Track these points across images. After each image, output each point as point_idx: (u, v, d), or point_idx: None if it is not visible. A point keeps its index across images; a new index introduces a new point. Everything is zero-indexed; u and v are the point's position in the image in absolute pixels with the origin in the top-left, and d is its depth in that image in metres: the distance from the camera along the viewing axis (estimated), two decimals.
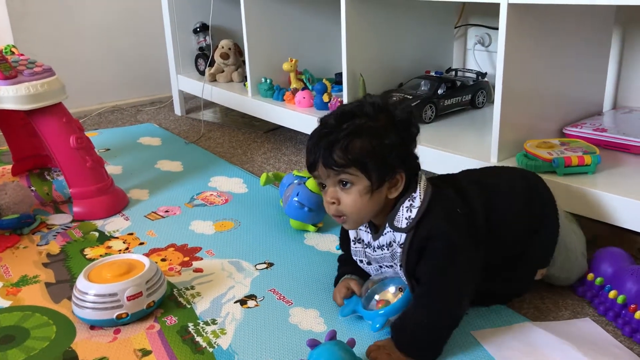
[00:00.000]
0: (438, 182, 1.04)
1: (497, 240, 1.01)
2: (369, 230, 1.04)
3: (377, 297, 1.04)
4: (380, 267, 1.05)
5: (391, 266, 1.02)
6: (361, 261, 1.07)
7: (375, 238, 1.02)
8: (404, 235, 0.96)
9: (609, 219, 1.16)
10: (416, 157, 1.00)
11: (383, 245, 1.00)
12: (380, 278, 1.05)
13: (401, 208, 0.97)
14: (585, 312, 1.07)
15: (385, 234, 0.99)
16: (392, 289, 1.03)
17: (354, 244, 1.07)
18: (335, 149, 0.94)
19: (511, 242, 1.04)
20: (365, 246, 1.05)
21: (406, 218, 0.96)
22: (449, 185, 1.03)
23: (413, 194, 0.97)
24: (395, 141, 0.94)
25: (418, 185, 0.97)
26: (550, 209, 1.07)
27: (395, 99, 1.61)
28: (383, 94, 1.00)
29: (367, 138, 0.93)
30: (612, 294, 1.05)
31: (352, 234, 1.07)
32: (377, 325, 1.00)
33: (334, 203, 0.97)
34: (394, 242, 0.98)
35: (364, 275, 1.09)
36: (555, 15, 1.34)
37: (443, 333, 0.95)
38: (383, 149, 0.94)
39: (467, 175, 1.09)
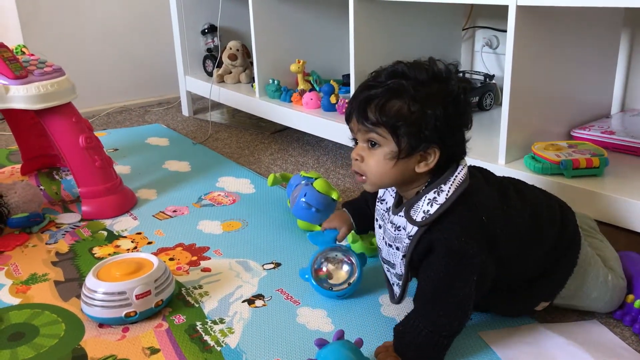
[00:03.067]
0: (482, 178, 0.97)
1: (518, 260, 0.97)
2: (394, 196, 0.99)
3: (325, 267, 1.13)
4: (383, 239, 1.00)
5: (390, 246, 0.98)
6: (376, 220, 1.04)
7: (394, 212, 0.97)
8: (415, 229, 0.91)
9: (617, 221, 1.16)
10: (462, 140, 0.93)
11: (397, 225, 0.95)
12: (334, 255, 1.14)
13: (423, 198, 0.91)
14: (592, 314, 1.07)
15: (401, 216, 0.94)
16: (345, 269, 1.13)
17: (379, 202, 1.03)
18: (372, 105, 0.88)
19: (530, 266, 0.99)
20: (385, 210, 1.01)
21: (424, 212, 0.90)
22: (497, 188, 0.97)
23: (442, 186, 0.90)
24: (438, 114, 0.86)
25: (454, 177, 0.90)
26: (574, 246, 1.01)
27: None
28: (450, 63, 0.92)
29: (407, 101, 0.86)
30: (629, 298, 1.04)
31: (380, 191, 1.02)
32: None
33: (357, 160, 0.93)
34: (404, 229, 0.93)
35: (363, 222, 1.13)
36: (563, 17, 1.34)
37: (443, 342, 0.92)
38: (421, 118, 0.86)
39: (521, 186, 1.03)
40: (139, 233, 1.44)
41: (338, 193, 1.39)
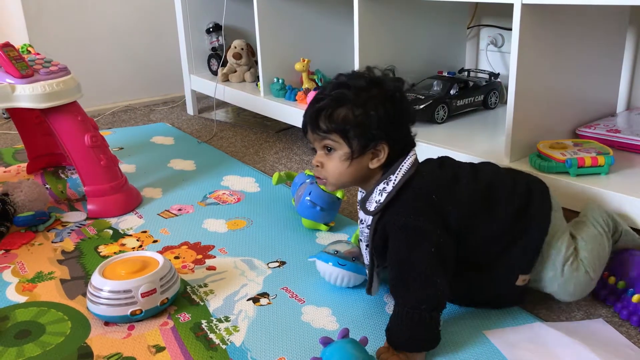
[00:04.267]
0: (436, 163, 1.05)
1: (477, 228, 1.00)
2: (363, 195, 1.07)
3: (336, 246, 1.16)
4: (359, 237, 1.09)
5: (361, 240, 1.07)
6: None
7: (359, 209, 1.05)
8: (370, 218, 1.00)
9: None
10: (407, 133, 1.02)
11: (360, 219, 1.05)
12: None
13: (375, 189, 1.00)
14: (598, 312, 1.07)
15: (360, 210, 1.04)
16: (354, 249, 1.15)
17: (358, 205, 1.09)
18: (321, 115, 1.00)
19: (489, 241, 1.01)
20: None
21: (376, 202, 0.99)
22: (449, 168, 1.04)
23: (391, 176, 0.99)
24: (380, 113, 0.97)
25: (400, 167, 0.99)
26: (542, 218, 1.02)
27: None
28: (386, 68, 1.05)
29: (351, 107, 0.97)
30: (635, 298, 1.04)
31: (359, 194, 1.10)
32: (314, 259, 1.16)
33: (317, 166, 1.04)
34: (364, 221, 1.03)
35: None
36: (569, 15, 1.34)
37: (426, 316, 0.93)
38: (366, 120, 0.97)
39: (481, 170, 1.06)
40: (145, 231, 1.44)
41: (343, 191, 1.39)
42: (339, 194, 1.38)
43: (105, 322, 1.08)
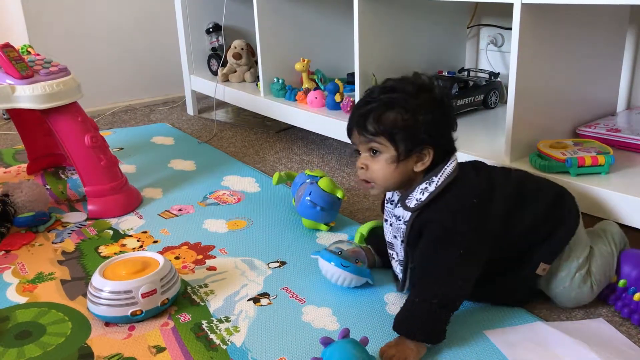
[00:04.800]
0: (472, 168, 1.07)
1: (506, 240, 1.04)
2: (400, 194, 1.08)
3: (342, 246, 1.17)
4: (391, 233, 1.10)
5: (395, 237, 1.08)
6: (386, 220, 1.12)
7: (396, 206, 1.07)
8: (409, 214, 1.02)
9: (622, 219, 1.16)
10: (451, 138, 1.04)
11: (397, 216, 1.06)
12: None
13: (417, 188, 1.02)
14: (599, 312, 1.07)
15: (399, 207, 1.05)
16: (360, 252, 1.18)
17: (387, 203, 1.12)
18: (370, 118, 1.01)
19: (518, 243, 1.05)
20: (392, 207, 1.10)
21: (417, 199, 1.02)
22: (484, 173, 1.06)
23: (434, 177, 1.01)
24: (427, 118, 0.99)
25: (443, 169, 1.01)
26: (570, 220, 1.06)
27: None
28: (432, 75, 1.05)
29: (400, 111, 0.99)
30: (637, 296, 1.04)
31: (388, 193, 1.12)
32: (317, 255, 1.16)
33: (362, 168, 1.04)
34: (402, 218, 1.05)
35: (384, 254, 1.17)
36: (569, 15, 1.34)
37: (436, 310, 0.95)
38: (413, 124, 0.99)
39: (512, 174, 1.10)
40: (145, 232, 1.44)
41: (343, 191, 1.39)
42: (339, 194, 1.38)
43: (106, 322, 1.08)
